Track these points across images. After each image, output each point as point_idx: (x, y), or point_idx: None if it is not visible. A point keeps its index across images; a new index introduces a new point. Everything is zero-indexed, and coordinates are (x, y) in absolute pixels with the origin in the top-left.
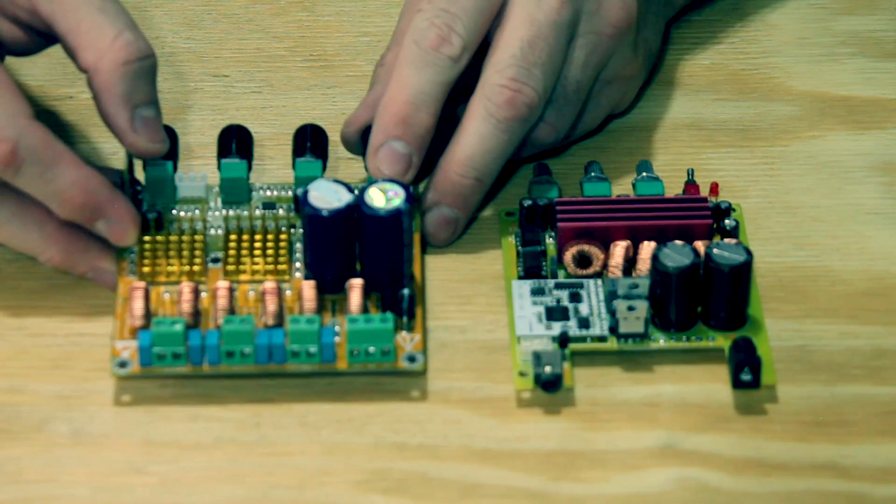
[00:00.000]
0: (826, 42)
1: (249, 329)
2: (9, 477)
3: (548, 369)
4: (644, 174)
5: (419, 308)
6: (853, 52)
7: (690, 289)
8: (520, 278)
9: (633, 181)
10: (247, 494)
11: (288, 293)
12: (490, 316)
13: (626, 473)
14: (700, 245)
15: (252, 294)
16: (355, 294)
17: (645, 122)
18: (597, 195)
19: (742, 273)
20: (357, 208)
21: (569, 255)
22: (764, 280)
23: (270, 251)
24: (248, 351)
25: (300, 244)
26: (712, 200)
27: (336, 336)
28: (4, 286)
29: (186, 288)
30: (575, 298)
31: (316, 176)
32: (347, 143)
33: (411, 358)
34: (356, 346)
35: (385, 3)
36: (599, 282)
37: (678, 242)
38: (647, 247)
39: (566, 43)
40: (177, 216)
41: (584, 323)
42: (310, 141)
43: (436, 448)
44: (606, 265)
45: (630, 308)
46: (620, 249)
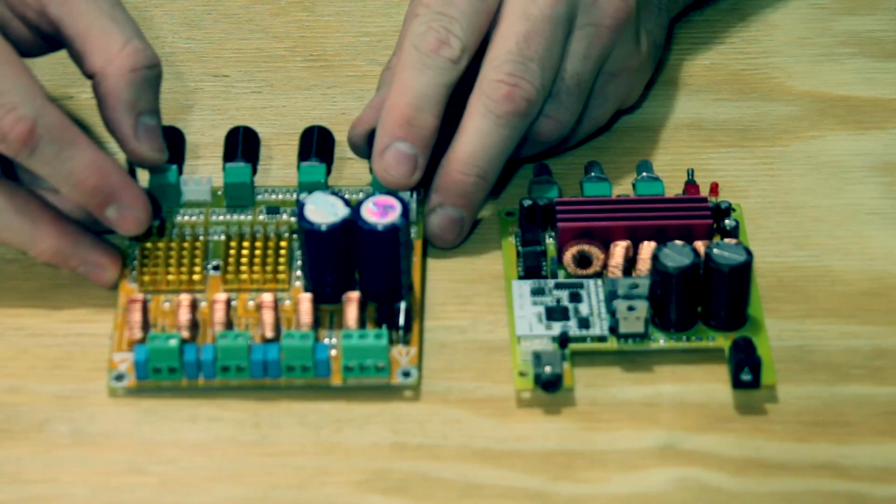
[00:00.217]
0: (826, 42)
1: (244, 344)
2: (9, 477)
3: (548, 369)
4: (644, 174)
5: (416, 321)
6: (853, 52)
7: (690, 289)
8: (520, 278)
9: (633, 181)
10: (247, 494)
11: (287, 302)
12: (490, 316)
13: (626, 473)
14: (700, 245)
15: (251, 304)
16: (352, 308)
17: (645, 122)
18: (597, 195)
19: (742, 273)
20: (353, 223)
21: (569, 255)
22: (764, 280)
23: (270, 259)
24: (244, 366)
25: (300, 252)
26: (712, 200)
27: (332, 349)
28: (4, 286)
29: (184, 300)
30: (575, 298)
31: (320, 180)
32: (354, 146)
33: (406, 373)
34: (351, 362)
35: (385, 3)
36: (599, 282)
37: (678, 242)
38: (647, 247)
39: (563, 36)
40: (180, 220)
41: (584, 323)
42: (315, 144)
43: (436, 448)
44: (606, 265)
45: (630, 308)
46: (620, 249)
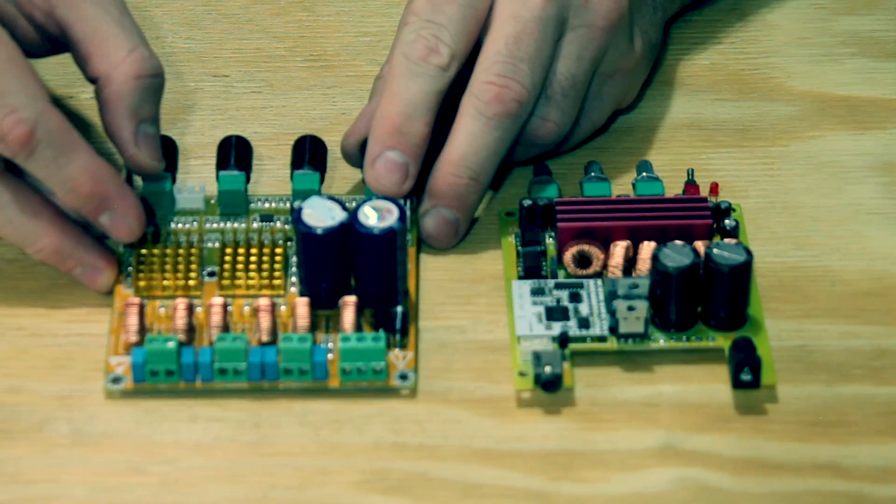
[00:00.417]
0: (826, 42)
1: (242, 347)
2: (9, 477)
3: (548, 369)
4: (644, 174)
5: (412, 326)
6: (853, 52)
7: (690, 289)
8: (520, 278)
9: (633, 181)
10: (247, 494)
11: (283, 308)
12: (490, 316)
13: (626, 473)
14: (700, 245)
15: (247, 309)
16: (348, 312)
17: (645, 122)
18: (597, 195)
19: (742, 273)
20: (351, 227)
21: (569, 255)
22: (764, 280)
23: (266, 265)
24: (241, 368)
25: (296, 258)
26: (712, 200)
27: (329, 353)
28: (4, 286)
29: (181, 304)
30: (575, 298)
31: (314, 189)
32: (347, 156)
33: (403, 376)
34: (348, 364)
35: (385, 3)
36: (599, 282)
37: (678, 242)
38: (647, 247)
39: (554, 37)
40: (174, 228)
41: (584, 323)
42: (308, 153)
43: (436, 448)
44: (606, 265)
45: (630, 308)
46: (620, 249)
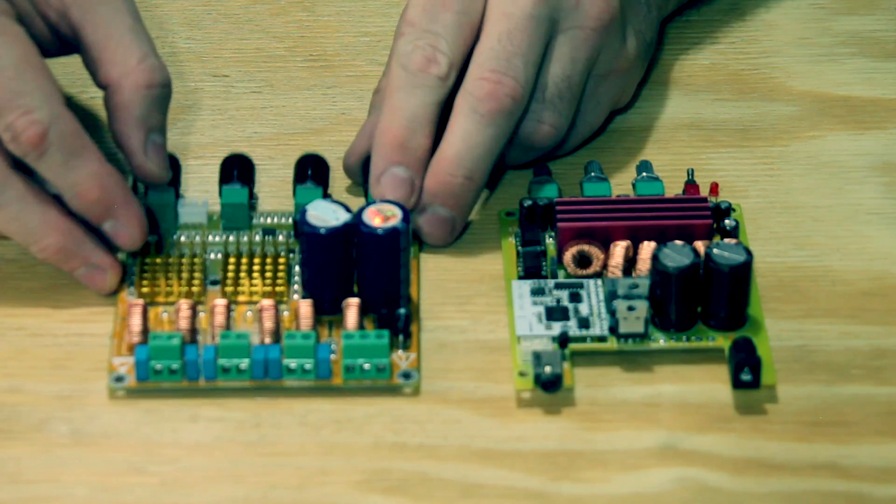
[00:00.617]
0: (826, 42)
1: (246, 344)
2: (9, 477)
3: (548, 369)
4: (644, 174)
5: (415, 327)
6: (853, 52)
7: (690, 289)
8: (520, 278)
9: (633, 181)
10: (247, 494)
11: (285, 314)
12: (490, 316)
13: (626, 473)
14: (700, 245)
15: (249, 314)
16: (352, 312)
17: (645, 122)
18: (597, 195)
19: (742, 273)
20: (355, 227)
21: (569, 255)
22: (764, 280)
23: (269, 273)
24: (245, 366)
25: (299, 268)
26: (712, 200)
27: (332, 353)
28: (4, 286)
29: (184, 305)
30: (575, 298)
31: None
32: (350, 173)
33: (406, 375)
34: (352, 362)
35: (385, 3)
36: (599, 282)
37: (678, 242)
38: (647, 247)
39: (545, 37)
40: (177, 240)
41: (584, 323)
42: (311, 169)
43: (436, 448)
44: (606, 265)
45: (630, 308)
46: (620, 249)
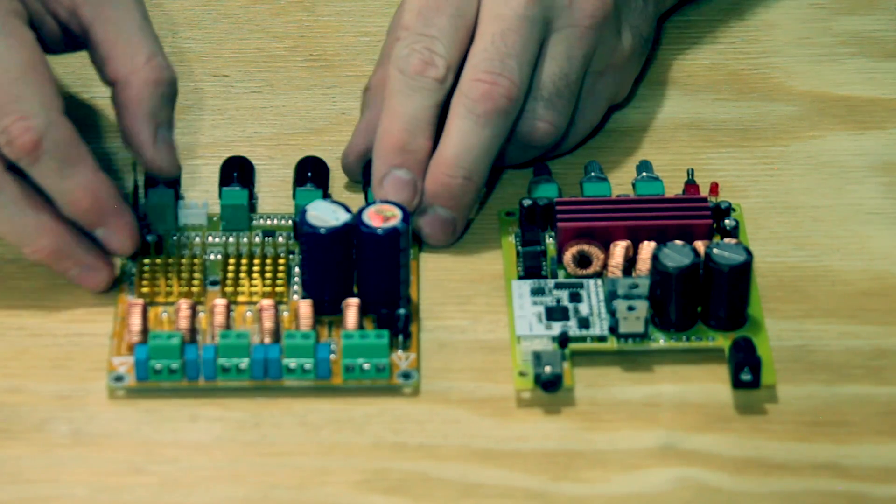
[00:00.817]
0: (826, 42)
1: (245, 344)
2: (9, 477)
3: (548, 369)
4: (644, 174)
5: (415, 326)
6: (853, 52)
7: (690, 289)
8: (520, 278)
9: (633, 181)
10: (247, 494)
11: (285, 314)
12: (490, 316)
13: (626, 473)
14: (700, 245)
15: (249, 314)
16: (351, 312)
17: (645, 122)
18: (597, 195)
19: (742, 273)
20: (355, 227)
21: (569, 255)
22: (764, 280)
23: (269, 274)
24: (244, 366)
25: (298, 269)
26: (712, 200)
27: (332, 353)
28: (4, 286)
29: (184, 304)
30: (575, 298)
31: None
32: (348, 172)
33: (406, 375)
34: (351, 362)
35: (385, 3)
36: (599, 282)
37: (678, 242)
38: (647, 247)
39: (539, 37)
40: (177, 241)
41: (584, 323)
42: (311, 171)
43: (436, 448)
44: (606, 265)
45: (630, 308)
46: (620, 249)
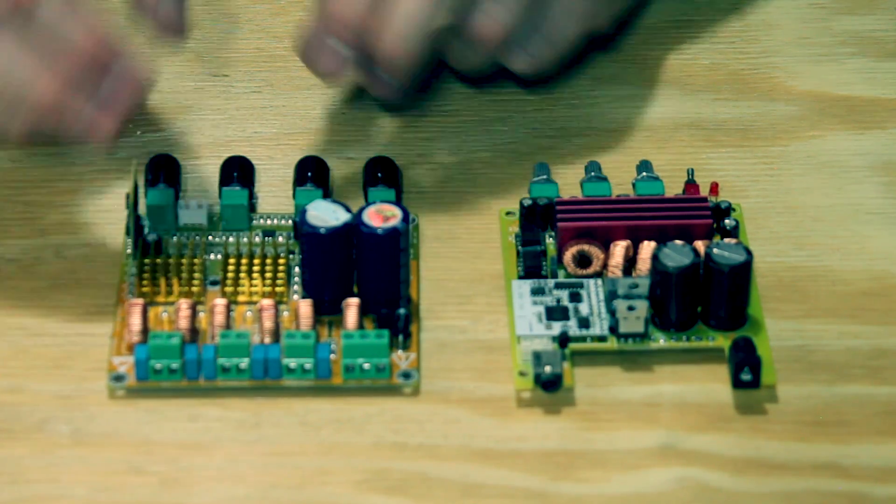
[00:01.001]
0: (826, 42)
1: (246, 343)
2: (9, 477)
3: (548, 369)
4: (644, 174)
5: (415, 326)
6: (853, 52)
7: (690, 289)
8: (520, 278)
9: (633, 181)
10: (247, 494)
11: (285, 314)
12: (490, 316)
13: (626, 473)
14: (700, 245)
15: (249, 314)
16: (351, 312)
17: (645, 122)
18: (597, 195)
19: (742, 273)
20: (355, 227)
21: (569, 255)
22: (764, 280)
23: (269, 274)
24: (244, 365)
25: (298, 269)
26: (712, 200)
27: (332, 353)
28: (4, 286)
29: (184, 304)
30: (575, 298)
31: None
32: (304, 59)
33: (406, 375)
34: (351, 362)
35: None
36: (599, 282)
37: (678, 242)
38: (647, 247)
39: None
40: (177, 241)
41: (584, 323)
42: (311, 171)
43: (436, 448)
44: (606, 265)
45: (630, 308)
46: (620, 249)
